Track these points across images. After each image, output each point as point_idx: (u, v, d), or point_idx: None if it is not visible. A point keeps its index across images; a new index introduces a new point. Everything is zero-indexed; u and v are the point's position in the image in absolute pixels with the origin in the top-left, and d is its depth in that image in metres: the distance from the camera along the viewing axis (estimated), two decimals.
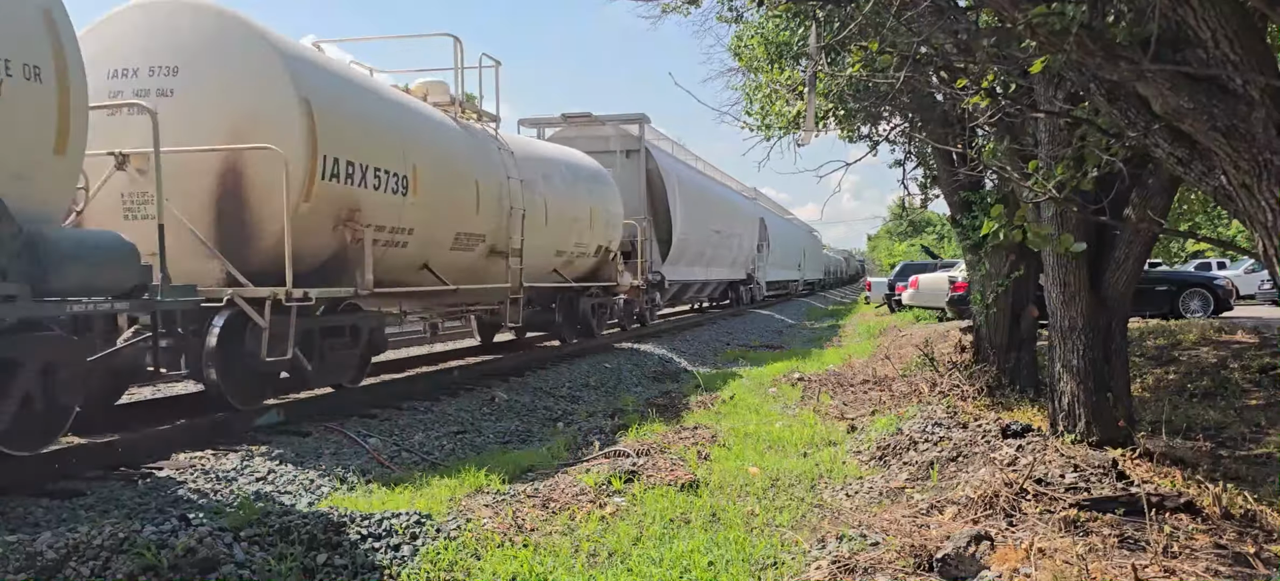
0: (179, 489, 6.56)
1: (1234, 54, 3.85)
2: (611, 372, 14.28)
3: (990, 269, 10.76)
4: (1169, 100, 3.95)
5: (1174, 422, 8.69)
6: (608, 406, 11.51)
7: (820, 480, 6.90)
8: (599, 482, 6.60)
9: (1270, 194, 3.90)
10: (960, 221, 11.35)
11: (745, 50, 12.39)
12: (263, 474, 7.08)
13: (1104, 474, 5.70)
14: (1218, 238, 15.46)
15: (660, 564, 4.90)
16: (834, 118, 11.42)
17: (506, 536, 5.37)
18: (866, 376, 13.01)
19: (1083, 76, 4.50)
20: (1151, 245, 7.99)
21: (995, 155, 7.58)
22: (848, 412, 10.08)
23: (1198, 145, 4.16)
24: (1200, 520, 5.03)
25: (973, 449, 6.85)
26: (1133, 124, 4.43)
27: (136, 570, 4.29)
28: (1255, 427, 8.77)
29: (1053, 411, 7.33)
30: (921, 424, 7.91)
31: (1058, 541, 4.51)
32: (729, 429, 9.14)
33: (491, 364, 13.26)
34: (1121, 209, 7.19)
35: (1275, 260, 4.01)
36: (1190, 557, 4.34)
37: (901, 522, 5.16)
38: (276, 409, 8.73)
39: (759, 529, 5.58)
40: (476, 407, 10.41)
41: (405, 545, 5.21)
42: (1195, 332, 14.06)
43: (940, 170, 11.77)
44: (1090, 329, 7.09)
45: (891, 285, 30.92)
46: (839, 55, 9.18)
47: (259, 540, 4.91)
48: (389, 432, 8.72)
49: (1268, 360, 11.54)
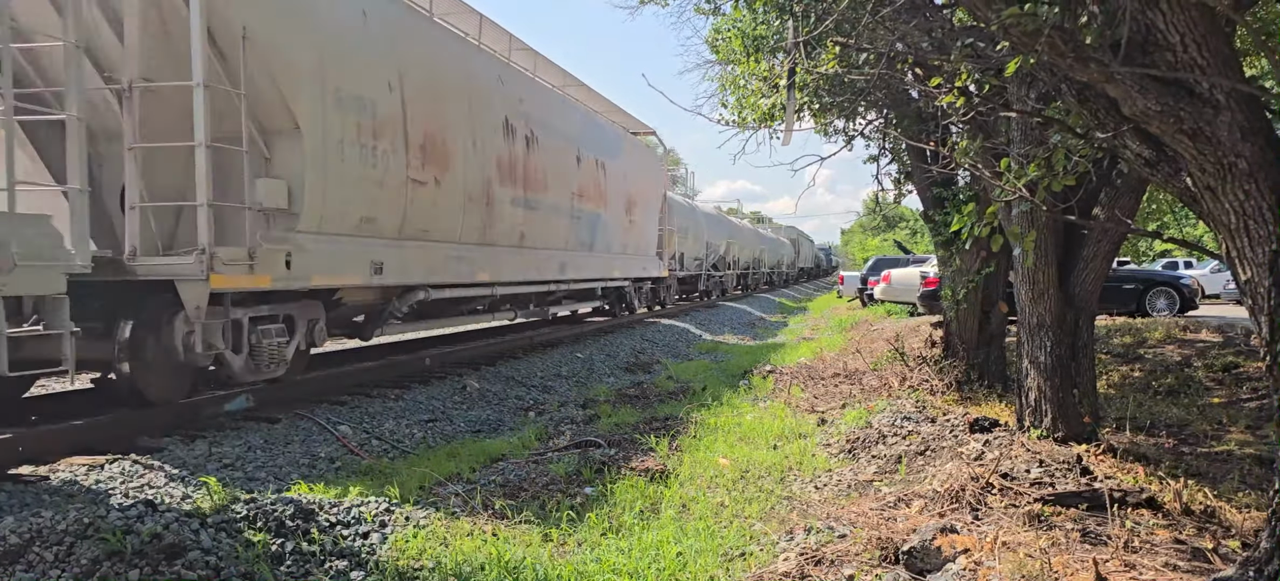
0: (145, 474, 6.50)
1: (1201, 58, 3.90)
2: (583, 363, 14.28)
3: (961, 265, 10.85)
4: (1137, 102, 4.00)
5: (1138, 419, 8.82)
6: (579, 396, 11.52)
7: (790, 472, 6.94)
8: (569, 472, 6.61)
9: (1234, 196, 3.96)
10: (933, 217, 11.43)
11: (722, 43, 12.39)
12: (231, 460, 7.04)
13: (1068, 469, 5.77)
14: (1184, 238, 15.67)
15: (629, 554, 4.92)
16: (809, 112, 11.45)
17: (476, 525, 5.37)
18: (837, 369, 13.09)
19: (1054, 77, 4.55)
20: (1119, 244, 8.08)
21: (968, 153, 7.63)
22: (818, 405, 10.15)
23: (1165, 147, 4.22)
24: (1161, 515, 5.12)
25: (941, 443, 6.93)
26: (1102, 125, 4.48)
27: (101, 555, 4.25)
28: (1217, 425, 8.91)
29: (1020, 407, 7.42)
30: (891, 417, 7.98)
31: (1021, 535, 4.57)
32: (700, 420, 9.18)
33: (464, 352, 13.22)
34: (1090, 208, 7.27)
35: (1238, 261, 4.08)
36: (1150, 552, 4.41)
37: (869, 515, 5.21)
38: (245, 395, 8.66)
39: (728, 520, 5.61)
40: (448, 396, 10.39)
41: (374, 532, 5.20)
42: (1161, 331, 14.26)
43: (914, 166, 11.85)
44: (1058, 326, 7.17)
45: (864, 279, 31.12)
46: (815, 50, 9.21)
47: (226, 526, 4.88)
48: (360, 420, 8.69)
49: (1231, 359, 11.73)
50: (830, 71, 8.19)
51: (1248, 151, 3.88)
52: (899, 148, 12.32)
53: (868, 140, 13.11)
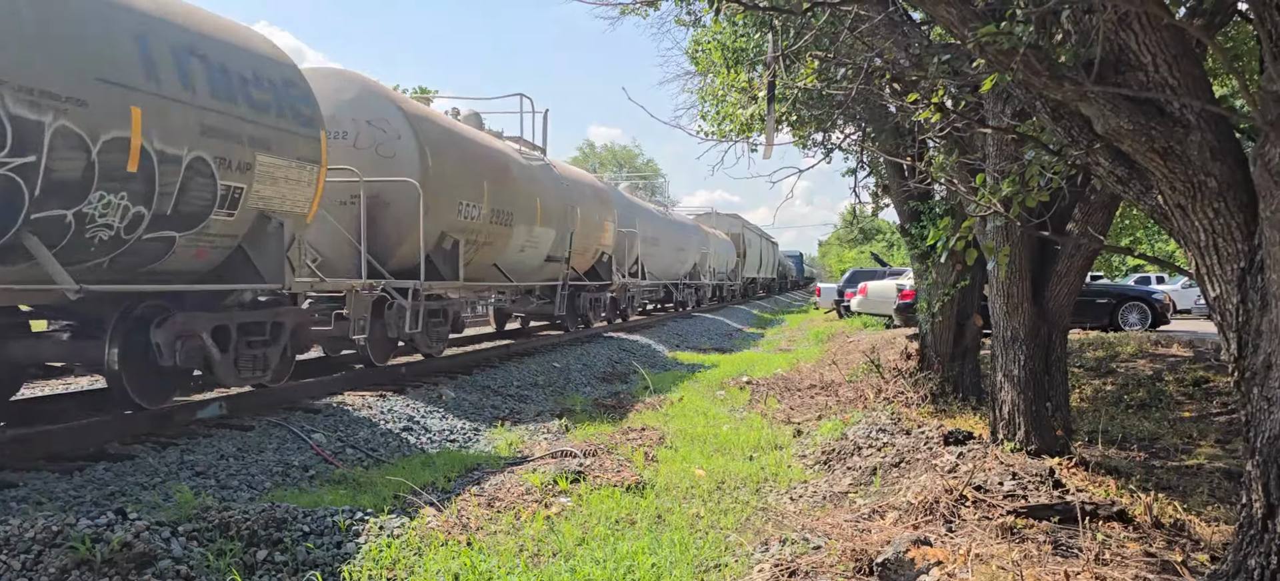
0: (116, 482, 6.42)
1: (1172, 78, 3.97)
2: (560, 372, 14.26)
3: (937, 278, 10.93)
4: (1110, 120, 4.06)
5: (1110, 433, 8.91)
6: (556, 406, 11.50)
7: (765, 483, 6.96)
8: (545, 482, 6.59)
9: (1203, 214, 4.02)
10: (909, 230, 11.52)
11: (702, 55, 12.43)
12: (203, 468, 6.97)
13: (1041, 482, 5.82)
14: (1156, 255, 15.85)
15: (604, 565, 4.91)
16: (788, 124, 11.52)
17: (450, 535, 5.35)
18: (814, 381, 13.15)
19: (1029, 95, 4.60)
20: (1092, 260, 8.17)
21: (944, 168, 7.70)
22: (794, 417, 10.18)
23: (1136, 165, 4.28)
24: (1131, 528, 5.17)
25: (915, 455, 6.97)
26: (1076, 142, 4.54)
27: (69, 564, 4.20)
28: (1187, 439, 9.02)
29: (993, 419, 7.47)
30: (866, 429, 8.02)
31: (995, 547, 4.61)
32: (676, 430, 9.18)
33: (440, 362, 13.17)
34: (1064, 224, 7.35)
35: (1207, 278, 4.14)
36: (1120, 564, 4.46)
37: (844, 527, 5.23)
38: (219, 402, 8.60)
39: (703, 531, 5.62)
40: (423, 405, 10.34)
41: (347, 542, 5.16)
42: (1133, 345, 14.41)
43: (891, 180, 11.93)
44: (1031, 339, 7.24)
45: (841, 291, 31.27)
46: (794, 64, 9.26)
47: (198, 535, 4.83)
48: (334, 428, 8.63)
49: (1201, 373, 11.87)
50: (809, 85, 8.24)
51: (1217, 171, 3.95)
52: (876, 161, 12.41)
53: (846, 153, 13.19)
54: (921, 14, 6.69)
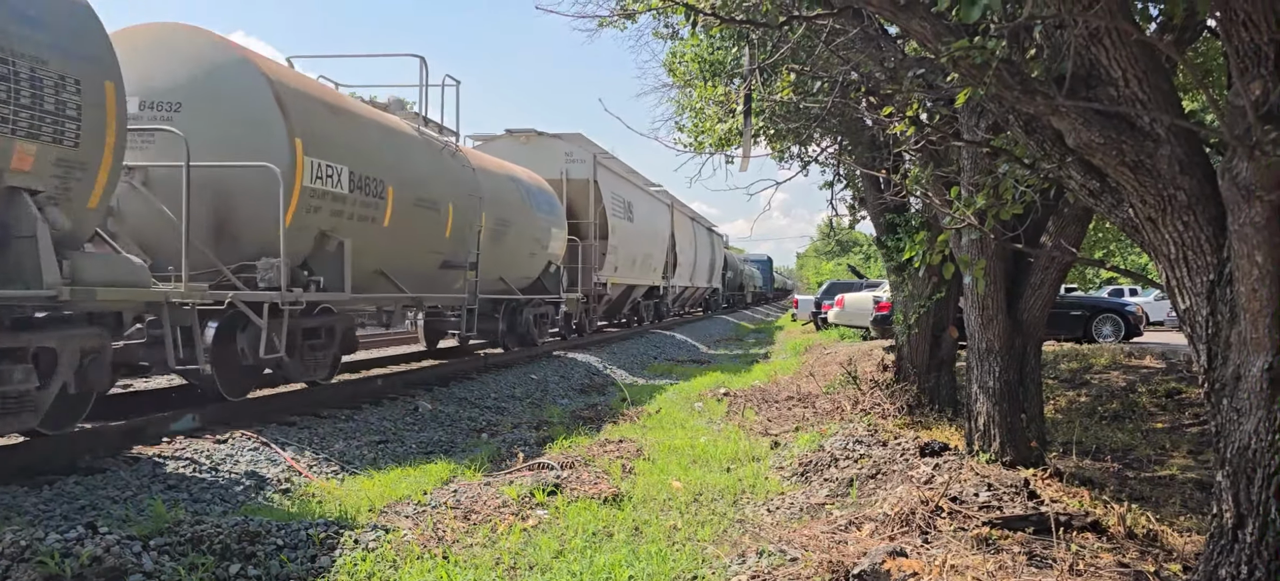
0: (86, 495, 6.34)
1: (1143, 93, 4.02)
2: (538, 384, 14.22)
3: (913, 290, 11.00)
4: (1081, 134, 4.11)
5: (1084, 444, 8.98)
6: (533, 418, 11.46)
7: (743, 495, 6.96)
8: (522, 495, 6.57)
9: (1173, 227, 4.07)
10: (885, 243, 11.59)
11: (679, 66, 12.48)
12: (175, 480, 6.89)
13: (1016, 493, 5.86)
14: (1128, 267, 16.03)
15: (581, 577, 4.90)
16: (765, 137, 11.58)
17: (426, 548, 5.31)
18: (791, 393, 13.17)
19: (1002, 108, 4.65)
20: (1066, 272, 8.25)
21: (919, 181, 7.77)
22: (772, 428, 10.20)
23: (1108, 178, 4.33)
24: (1105, 539, 5.21)
25: (892, 466, 6.99)
26: (1048, 155, 4.59)
27: (39, 579, 4.14)
28: (1160, 450, 9.11)
29: (969, 431, 7.52)
30: (843, 441, 8.04)
31: (970, 558, 4.63)
32: (654, 442, 9.17)
33: (416, 373, 13.11)
34: (1038, 236, 7.42)
35: (1177, 290, 4.19)
36: (1094, 575, 4.49)
37: (820, 538, 5.24)
38: (192, 414, 8.51)
39: (680, 543, 5.61)
40: (400, 417, 10.28)
41: (322, 556, 5.12)
42: (1106, 357, 14.55)
43: (867, 192, 12.01)
44: (1006, 351, 7.29)
45: (818, 303, 31.39)
46: (771, 77, 9.32)
47: (169, 549, 4.78)
48: (309, 441, 8.56)
49: (1173, 385, 12.01)
50: (785, 98, 8.29)
51: (1186, 184, 4.00)
52: (853, 174, 12.49)
53: (822, 166, 13.29)
54: (896, 29, 6.76)
